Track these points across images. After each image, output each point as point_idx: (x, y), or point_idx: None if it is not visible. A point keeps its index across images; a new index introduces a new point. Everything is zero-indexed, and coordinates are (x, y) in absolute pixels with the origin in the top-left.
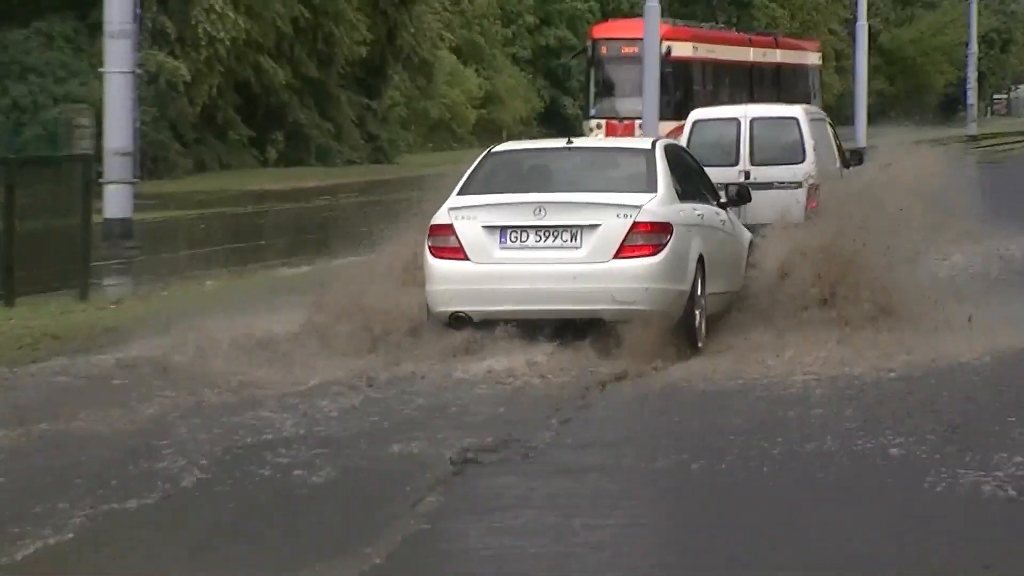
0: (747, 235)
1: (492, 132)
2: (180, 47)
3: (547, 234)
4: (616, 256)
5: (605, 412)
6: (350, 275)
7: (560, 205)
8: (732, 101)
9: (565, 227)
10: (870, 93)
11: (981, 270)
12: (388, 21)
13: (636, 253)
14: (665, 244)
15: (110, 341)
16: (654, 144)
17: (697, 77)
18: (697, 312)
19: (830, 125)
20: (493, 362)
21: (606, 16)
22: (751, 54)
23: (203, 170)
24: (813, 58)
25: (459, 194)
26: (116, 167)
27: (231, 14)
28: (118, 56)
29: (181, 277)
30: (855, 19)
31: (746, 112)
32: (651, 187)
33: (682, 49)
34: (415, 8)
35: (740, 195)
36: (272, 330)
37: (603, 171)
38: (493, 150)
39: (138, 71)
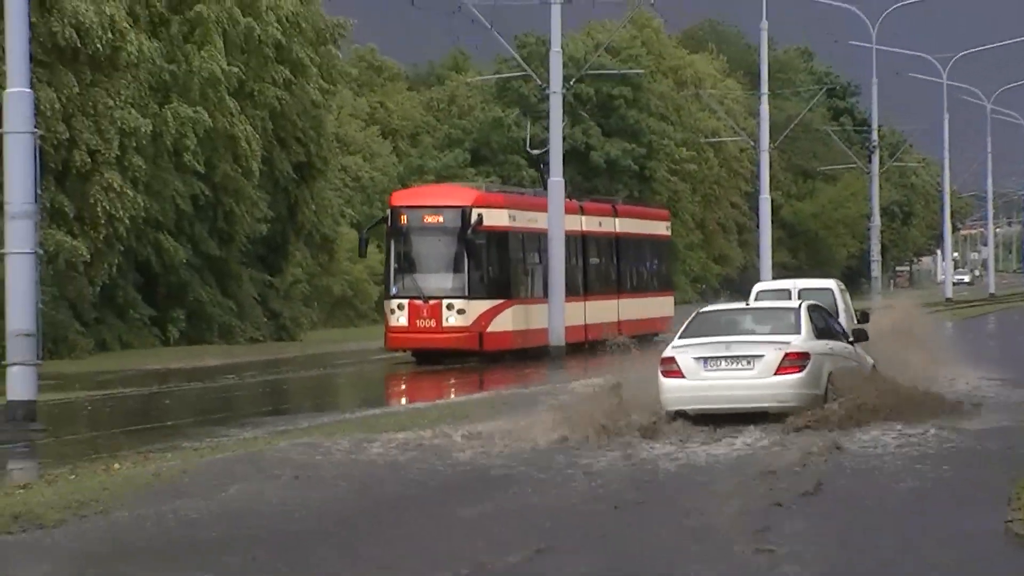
0: (870, 361)
1: None
2: (79, 225)
3: (733, 361)
4: (775, 373)
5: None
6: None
7: (740, 343)
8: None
9: (744, 356)
10: (773, 265)
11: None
12: (289, 198)
13: (787, 372)
14: (805, 366)
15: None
16: (800, 305)
17: (515, 248)
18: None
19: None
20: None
21: None
22: (582, 223)
23: (104, 350)
24: (661, 228)
25: (679, 338)
26: (19, 348)
27: (130, 192)
28: (19, 237)
29: (88, 459)
30: (758, 192)
31: (795, 284)
32: (797, 330)
33: (496, 218)
34: (315, 184)
35: (858, 336)
36: None
37: (767, 322)
38: (700, 311)
39: (39, 251)
